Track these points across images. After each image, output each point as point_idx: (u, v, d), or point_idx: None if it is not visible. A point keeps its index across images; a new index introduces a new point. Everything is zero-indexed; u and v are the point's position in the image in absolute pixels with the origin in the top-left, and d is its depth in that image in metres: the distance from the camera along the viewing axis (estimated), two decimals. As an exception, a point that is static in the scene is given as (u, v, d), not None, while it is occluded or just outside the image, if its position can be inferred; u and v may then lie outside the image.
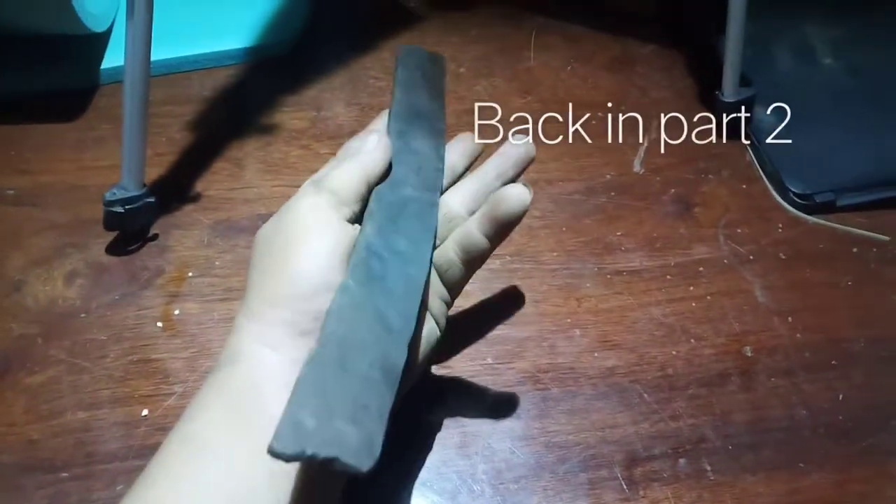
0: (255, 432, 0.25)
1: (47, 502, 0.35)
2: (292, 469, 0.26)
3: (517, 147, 0.35)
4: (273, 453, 0.21)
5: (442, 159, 0.35)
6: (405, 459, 0.37)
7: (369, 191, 0.31)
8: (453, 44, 0.59)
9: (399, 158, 0.33)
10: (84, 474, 0.36)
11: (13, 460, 0.36)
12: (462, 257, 0.33)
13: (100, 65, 0.54)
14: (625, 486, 0.36)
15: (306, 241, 0.28)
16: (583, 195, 0.49)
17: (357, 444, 0.23)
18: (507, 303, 0.43)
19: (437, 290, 0.34)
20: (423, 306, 0.31)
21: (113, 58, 0.54)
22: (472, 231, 0.33)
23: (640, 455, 0.37)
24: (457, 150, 0.37)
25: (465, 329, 0.41)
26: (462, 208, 0.34)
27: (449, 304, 0.35)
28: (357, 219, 0.31)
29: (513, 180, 0.35)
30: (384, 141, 0.33)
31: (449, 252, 0.33)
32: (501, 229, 0.32)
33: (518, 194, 0.31)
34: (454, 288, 0.34)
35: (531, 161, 0.36)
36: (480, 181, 0.35)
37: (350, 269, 0.28)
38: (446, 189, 0.36)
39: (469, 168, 0.37)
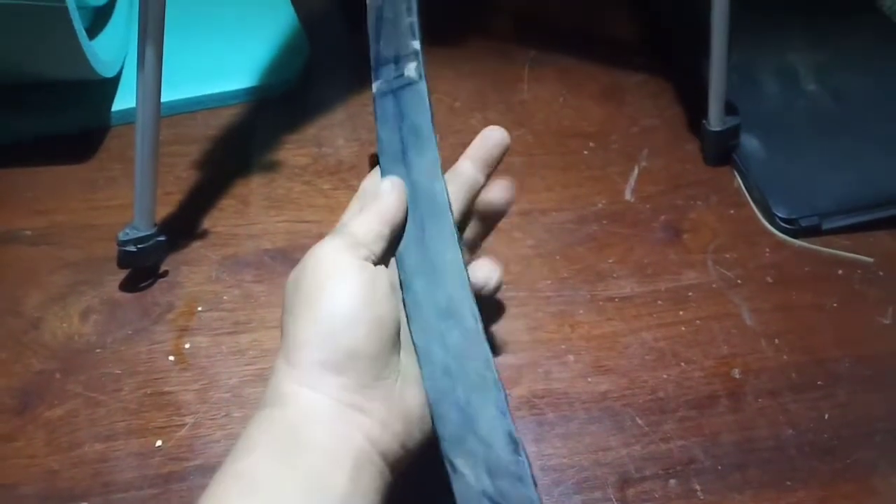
0: (303, 468, 0.26)
1: (67, 532, 0.37)
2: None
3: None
4: None
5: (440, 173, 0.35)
6: (405, 484, 0.38)
7: (391, 232, 0.32)
8: (448, 78, 0.62)
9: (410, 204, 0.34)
10: (101, 503, 0.38)
11: (34, 491, 0.38)
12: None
13: (110, 107, 0.57)
14: (618, 507, 0.38)
15: (329, 283, 0.29)
16: (575, 224, 0.51)
17: None
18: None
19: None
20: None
21: (123, 100, 0.57)
22: (468, 169, 0.36)
23: (633, 476, 0.39)
24: (472, 166, 0.37)
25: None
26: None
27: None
28: (379, 260, 0.32)
29: (486, 168, 0.37)
30: (398, 185, 0.33)
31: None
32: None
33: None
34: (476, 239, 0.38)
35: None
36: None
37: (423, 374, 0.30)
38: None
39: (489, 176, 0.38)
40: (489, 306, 0.36)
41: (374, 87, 0.39)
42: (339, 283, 0.29)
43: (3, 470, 0.38)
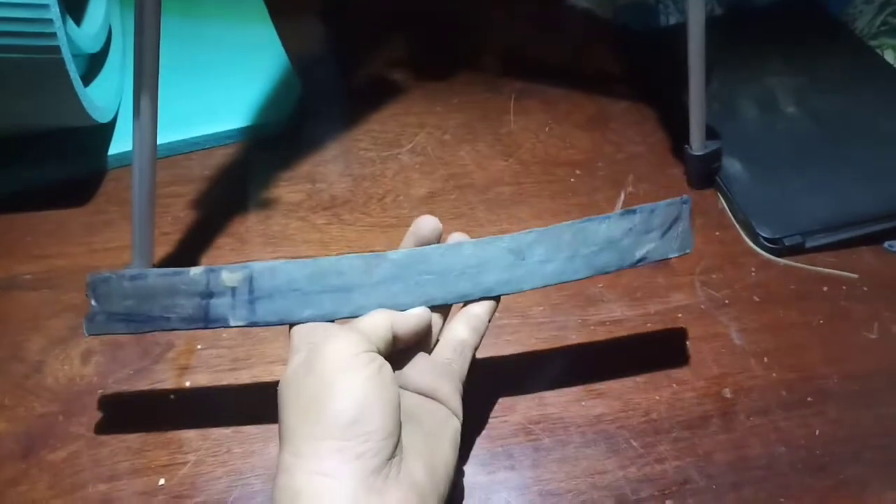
0: None
1: (73, 574, 0.37)
2: None
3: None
4: None
5: None
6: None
7: (398, 339, 0.35)
8: (437, 112, 0.63)
9: None
10: (106, 545, 0.38)
11: (39, 535, 0.38)
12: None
13: (107, 152, 0.58)
14: (615, 530, 0.38)
15: (341, 376, 0.31)
16: (565, 250, 0.52)
17: None
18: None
19: (456, 383, 0.37)
20: None
21: (119, 144, 0.58)
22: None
23: (629, 499, 0.39)
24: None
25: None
26: None
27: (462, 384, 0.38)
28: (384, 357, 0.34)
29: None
30: (426, 314, 0.36)
31: (457, 331, 0.37)
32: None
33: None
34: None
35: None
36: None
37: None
38: None
39: None
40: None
41: None
42: (351, 375, 0.31)
43: (9, 514, 0.39)
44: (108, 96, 0.59)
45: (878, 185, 0.55)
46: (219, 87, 0.63)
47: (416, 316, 0.36)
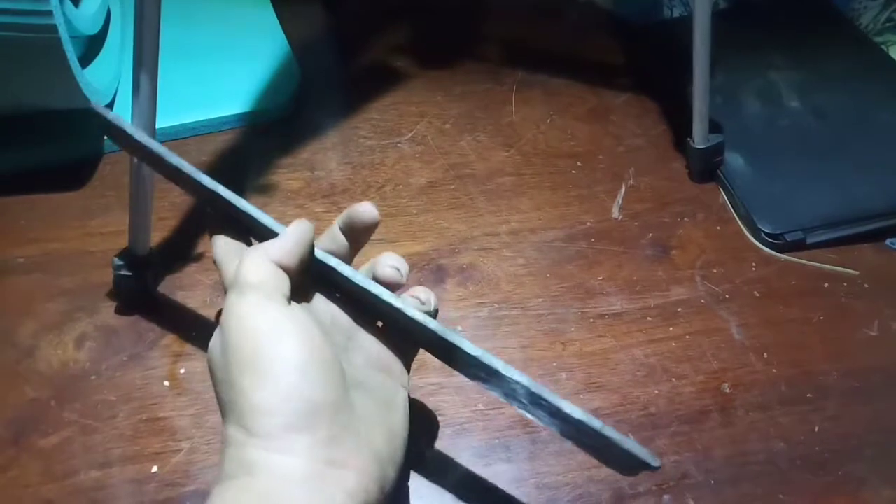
0: None
1: (64, 560, 0.36)
2: None
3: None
4: None
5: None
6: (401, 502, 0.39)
7: (294, 265, 0.31)
8: (438, 102, 0.63)
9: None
10: (98, 532, 0.37)
11: (30, 521, 0.38)
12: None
13: (103, 135, 0.57)
14: (613, 524, 0.38)
15: (265, 341, 0.28)
16: (564, 242, 0.52)
17: None
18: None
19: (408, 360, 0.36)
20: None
21: (116, 128, 0.57)
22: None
23: (627, 493, 0.39)
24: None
25: (457, 376, 0.43)
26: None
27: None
28: (293, 296, 0.31)
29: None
30: (304, 225, 0.33)
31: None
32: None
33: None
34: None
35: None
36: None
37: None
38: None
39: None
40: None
41: None
42: (276, 339, 0.28)
43: (0, 500, 0.38)
44: (106, 79, 0.58)
45: (881, 182, 0.55)
46: (218, 72, 0.63)
47: (297, 232, 0.32)
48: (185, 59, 0.63)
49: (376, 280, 0.34)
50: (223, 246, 0.36)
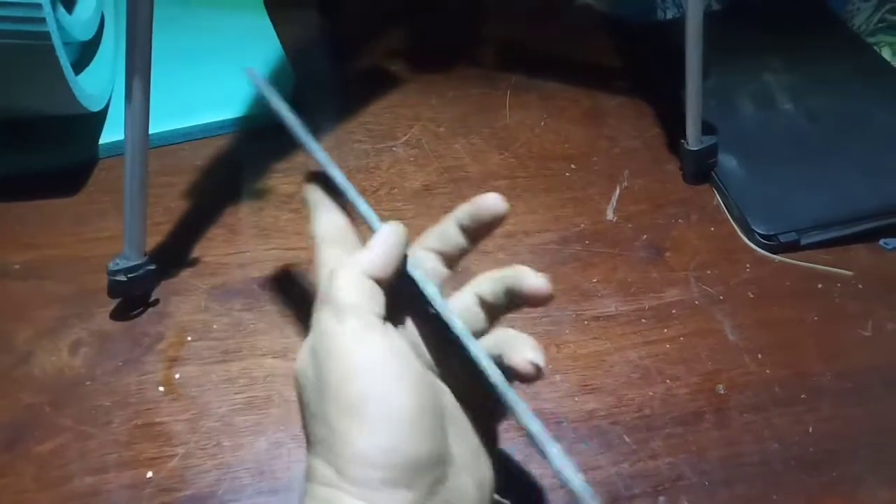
0: None
1: (59, 567, 0.36)
2: None
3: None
4: None
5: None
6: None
7: (388, 282, 0.28)
8: (433, 105, 0.63)
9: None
10: (93, 538, 0.37)
11: (25, 527, 0.38)
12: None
13: (98, 141, 0.57)
14: (608, 526, 0.38)
15: (371, 381, 0.25)
16: (559, 244, 0.52)
17: None
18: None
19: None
20: None
21: (110, 133, 0.58)
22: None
23: (622, 495, 0.39)
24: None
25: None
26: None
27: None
28: (392, 294, 0.28)
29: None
30: (395, 229, 0.29)
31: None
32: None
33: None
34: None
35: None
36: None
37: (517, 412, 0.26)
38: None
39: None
40: None
41: None
42: (385, 382, 0.25)
43: (-7, 506, 0.39)
44: (99, 84, 0.58)
45: (875, 183, 0.55)
46: (212, 77, 0.63)
47: (390, 240, 0.28)
48: (180, 64, 0.63)
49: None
50: (325, 225, 0.32)
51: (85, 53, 0.59)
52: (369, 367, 0.25)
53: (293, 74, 0.64)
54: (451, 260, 0.33)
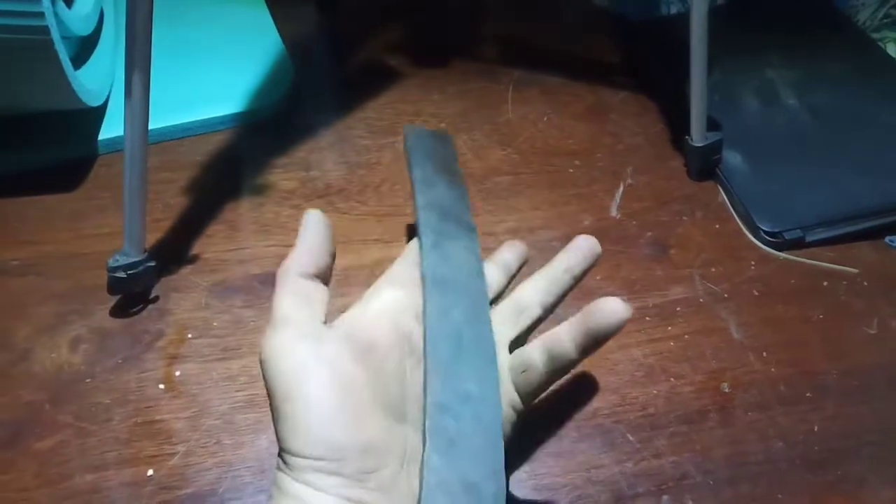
0: None
1: (58, 566, 0.36)
2: None
3: (581, 242, 0.37)
4: None
5: (479, 258, 0.36)
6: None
7: (318, 271, 0.32)
8: (434, 101, 0.62)
9: (439, 276, 0.33)
10: (93, 536, 0.37)
11: (24, 526, 0.37)
12: (547, 364, 0.32)
13: (97, 136, 0.57)
14: (611, 525, 0.38)
15: (295, 388, 0.28)
16: (562, 241, 0.51)
17: None
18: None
19: (508, 397, 0.33)
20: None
21: (109, 129, 0.57)
22: (563, 339, 0.32)
23: (626, 493, 0.39)
24: (509, 252, 0.39)
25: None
26: (534, 299, 0.35)
27: (519, 412, 0.33)
28: (322, 276, 0.32)
29: (581, 275, 0.36)
30: (313, 229, 0.32)
31: (533, 354, 0.32)
32: (594, 341, 0.31)
33: (613, 308, 0.30)
34: (530, 393, 0.33)
35: (597, 258, 0.37)
36: (550, 275, 0.36)
37: (427, 438, 0.28)
38: (502, 289, 0.37)
39: (520, 267, 0.39)
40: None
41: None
42: (301, 383, 0.28)
43: (-6, 504, 0.38)
44: (99, 80, 0.58)
45: (880, 180, 0.55)
46: (212, 72, 0.62)
47: (309, 235, 0.32)
48: (180, 60, 0.63)
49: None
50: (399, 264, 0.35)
51: (84, 48, 0.59)
52: (293, 372, 0.28)
53: (293, 69, 0.63)
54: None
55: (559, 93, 0.64)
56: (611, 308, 0.30)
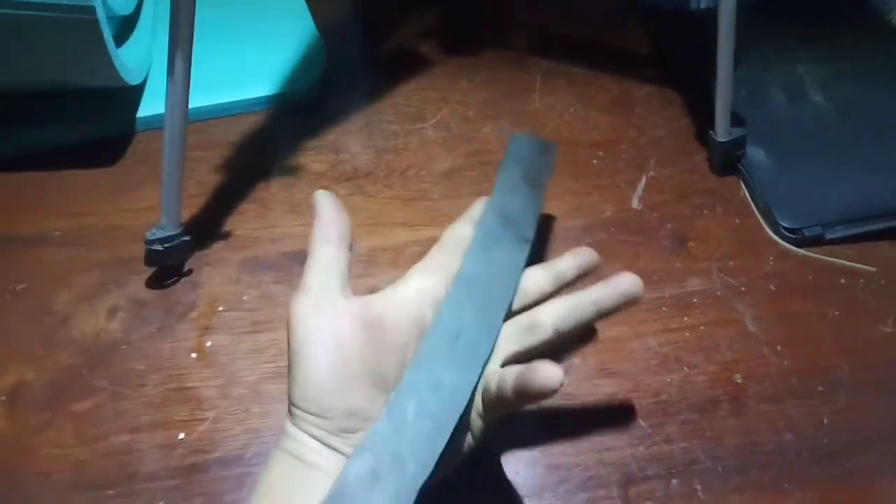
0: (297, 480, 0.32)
1: (94, 518, 0.39)
2: None
3: (625, 282, 0.36)
4: None
5: (520, 271, 0.37)
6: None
7: (340, 260, 0.36)
8: (462, 88, 0.63)
9: (471, 275, 0.35)
10: (127, 492, 0.39)
11: (65, 479, 0.40)
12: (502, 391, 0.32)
13: (135, 114, 0.59)
14: (621, 505, 0.39)
15: (301, 350, 0.32)
16: (583, 231, 0.53)
17: None
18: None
19: (477, 405, 0.34)
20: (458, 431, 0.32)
21: (148, 107, 0.59)
22: (507, 380, 0.31)
23: (636, 476, 0.40)
24: (571, 261, 0.38)
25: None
26: (549, 322, 0.35)
27: (485, 423, 0.34)
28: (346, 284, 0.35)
29: (607, 313, 0.36)
30: (325, 204, 0.38)
31: (506, 377, 0.32)
32: (524, 398, 0.31)
33: (547, 375, 0.29)
34: (492, 408, 0.33)
35: (634, 301, 0.36)
36: (576, 302, 0.35)
37: (385, 410, 0.31)
38: (545, 297, 0.37)
39: (578, 279, 0.39)
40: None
41: None
42: (305, 349, 0.32)
43: (36, 459, 0.40)
44: (138, 58, 0.59)
45: (903, 180, 0.55)
46: (246, 55, 0.64)
47: (324, 217, 0.37)
48: (215, 41, 0.64)
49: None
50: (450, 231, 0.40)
51: (125, 28, 0.61)
52: (304, 337, 0.32)
53: (325, 53, 0.65)
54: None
55: (586, 84, 0.64)
56: (543, 373, 0.30)
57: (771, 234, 0.53)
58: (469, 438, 0.34)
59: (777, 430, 0.42)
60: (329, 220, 0.37)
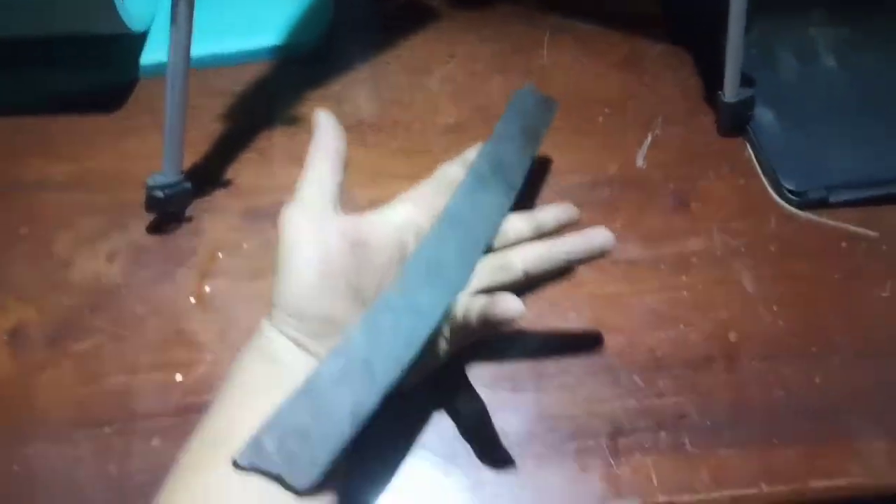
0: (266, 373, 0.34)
1: (93, 452, 0.39)
2: None
3: (599, 236, 0.38)
4: (234, 464, 0.29)
5: (502, 217, 0.39)
6: (406, 423, 0.41)
7: (335, 174, 0.37)
8: (470, 42, 0.63)
9: (456, 214, 0.38)
10: (125, 430, 0.40)
11: (65, 416, 0.41)
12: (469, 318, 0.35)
13: (138, 61, 0.58)
14: (609, 455, 0.40)
15: (287, 256, 0.34)
16: (587, 187, 0.53)
17: (301, 467, 0.29)
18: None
19: (444, 331, 0.37)
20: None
21: (151, 55, 0.59)
22: (473, 309, 0.35)
23: (625, 428, 0.41)
24: (553, 213, 0.42)
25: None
26: (520, 265, 0.38)
27: (449, 344, 0.38)
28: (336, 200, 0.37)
29: (578, 263, 0.39)
30: (324, 122, 0.40)
31: (473, 306, 0.35)
32: (487, 326, 0.34)
33: (507, 307, 0.33)
34: (458, 333, 0.37)
35: (604, 254, 0.39)
36: (548, 249, 0.38)
37: (361, 320, 0.33)
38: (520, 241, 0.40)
39: (557, 231, 0.41)
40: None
41: None
42: (289, 251, 0.34)
43: (38, 397, 0.41)
44: (142, 5, 0.59)
45: (912, 145, 0.54)
46: (251, 3, 0.63)
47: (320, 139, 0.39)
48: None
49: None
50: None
51: (129, -28, 0.60)
52: (290, 243, 0.34)
53: (333, 4, 0.64)
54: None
55: (595, 41, 0.63)
56: (504, 306, 0.34)
57: (775, 196, 0.53)
58: (433, 358, 0.37)
59: (769, 387, 0.43)
60: (327, 138, 0.38)
